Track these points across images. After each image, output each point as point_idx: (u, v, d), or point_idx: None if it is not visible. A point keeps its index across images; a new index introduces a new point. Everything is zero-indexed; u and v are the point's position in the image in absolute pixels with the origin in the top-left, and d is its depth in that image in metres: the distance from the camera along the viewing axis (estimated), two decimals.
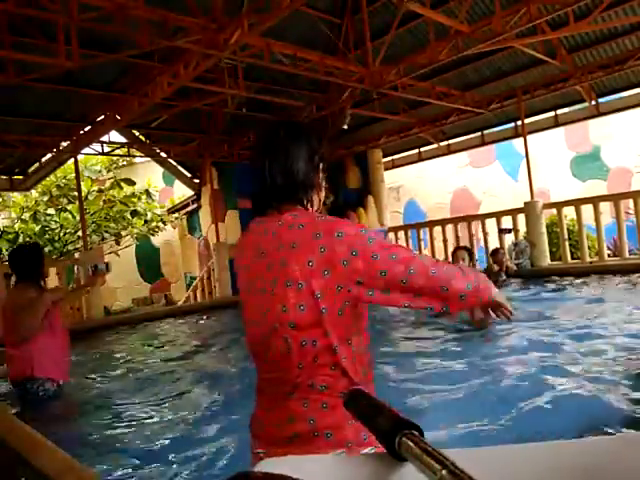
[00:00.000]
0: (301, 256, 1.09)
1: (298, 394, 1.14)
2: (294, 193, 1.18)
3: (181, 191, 14.42)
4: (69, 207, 12.07)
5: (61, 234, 12.14)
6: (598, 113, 9.92)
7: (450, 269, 1.16)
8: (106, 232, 12.68)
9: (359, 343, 1.18)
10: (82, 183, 10.54)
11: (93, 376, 4.69)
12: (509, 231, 9.36)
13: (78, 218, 10.95)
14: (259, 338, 1.19)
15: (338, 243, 1.08)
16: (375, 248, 1.09)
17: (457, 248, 5.57)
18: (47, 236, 11.98)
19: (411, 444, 0.61)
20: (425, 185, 15.13)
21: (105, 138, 9.99)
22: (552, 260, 9.28)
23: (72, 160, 10.00)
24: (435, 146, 12.33)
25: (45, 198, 11.98)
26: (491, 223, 9.83)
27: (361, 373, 1.17)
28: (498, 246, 8.98)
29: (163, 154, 11.63)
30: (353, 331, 1.15)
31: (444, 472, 0.54)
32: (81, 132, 9.49)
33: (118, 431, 3.08)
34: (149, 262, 15.76)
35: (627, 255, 8.34)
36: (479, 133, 11.70)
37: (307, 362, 1.11)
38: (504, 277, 7.88)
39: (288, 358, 1.12)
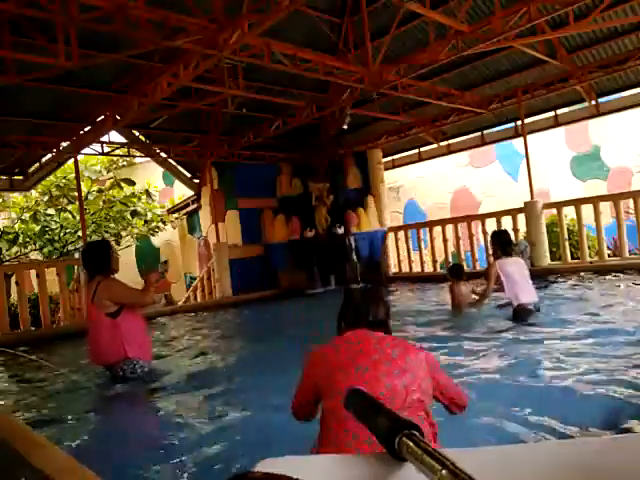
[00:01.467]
0: (407, 355, 1.73)
1: None
2: (381, 325, 1.93)
3: (181, 191, 14.42)
4: (69, 207, 12.07)
5: (61, 234, 12.14)
6: (598, 113, 9.91)
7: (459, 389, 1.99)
8: (106, 232, 12.68)
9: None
10: (82, 183, 10.54)
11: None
12: None
13: (78, 218, 10.95)
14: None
15: (426, 355, 1.78)
16: (438, 366, 1.83)
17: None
18: (47, 236, 11.98)
19: (411, 444, 0.61)
20: (425, 185, 15.13)
21: (105, 138, 9.99)
22: (552, 260, 9.27)
23: (72, 160, 10.00)
24: (435, 146, 12.33)
25: (45, 198, 11.98)
26: (491, 223, 9.81)
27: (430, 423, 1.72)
28: None
29: (163, 154, 11.62)
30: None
31: (444, 472, 0.54)
32: (81, 132, 9.48)
33: (119, 431, 3.08)
34: (149, 262, 15.76)
35: (627, 255, 8.33)
36: (479, 133, 11.70)
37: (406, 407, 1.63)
38: None
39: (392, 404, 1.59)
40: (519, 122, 10.19)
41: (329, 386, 1.70)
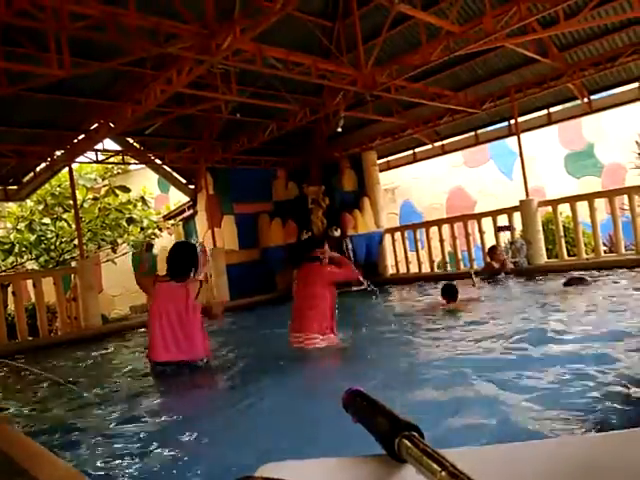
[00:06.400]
0: None
1: None
2: None
3: (177, 197, 14.39)
4: (64, 216, 12.02)
5: (57, 243, 12.08)
6: (591, 110, 9.96)
7: None
8: (102, 240, 12.62)
9: None
10: (77, 191, 10.50)
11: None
12: (507, 228, 9.38)
13: (74, 227, 10.91)
14: None
15: None
16: None
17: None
18: (43, 245, 11.92)
19: (410, 445, 0.61)
20: (420, 186, 15.15)
21: (99, 146, 9.97)
22: (549, 258, 9.30)
23: (66, 169, 9.97)
24: (430, 147, 12.35)
25: (40, 207, 11.92)
26: (487, 222, 9.85)
27: None
28: (495, 243, 9.01)
29: (158, 161, 11.61)
30: None
31: (443, 473, 0.54)
32: (75, 141, 9.46)
33: (118, 432, 3.06)
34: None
35: (623, 251, 8.37)
36: (473, 133, 11.73)
37: None
38: (503, 274, 7.93)
39: None
40: (512, 121, 10.22)
41: None
